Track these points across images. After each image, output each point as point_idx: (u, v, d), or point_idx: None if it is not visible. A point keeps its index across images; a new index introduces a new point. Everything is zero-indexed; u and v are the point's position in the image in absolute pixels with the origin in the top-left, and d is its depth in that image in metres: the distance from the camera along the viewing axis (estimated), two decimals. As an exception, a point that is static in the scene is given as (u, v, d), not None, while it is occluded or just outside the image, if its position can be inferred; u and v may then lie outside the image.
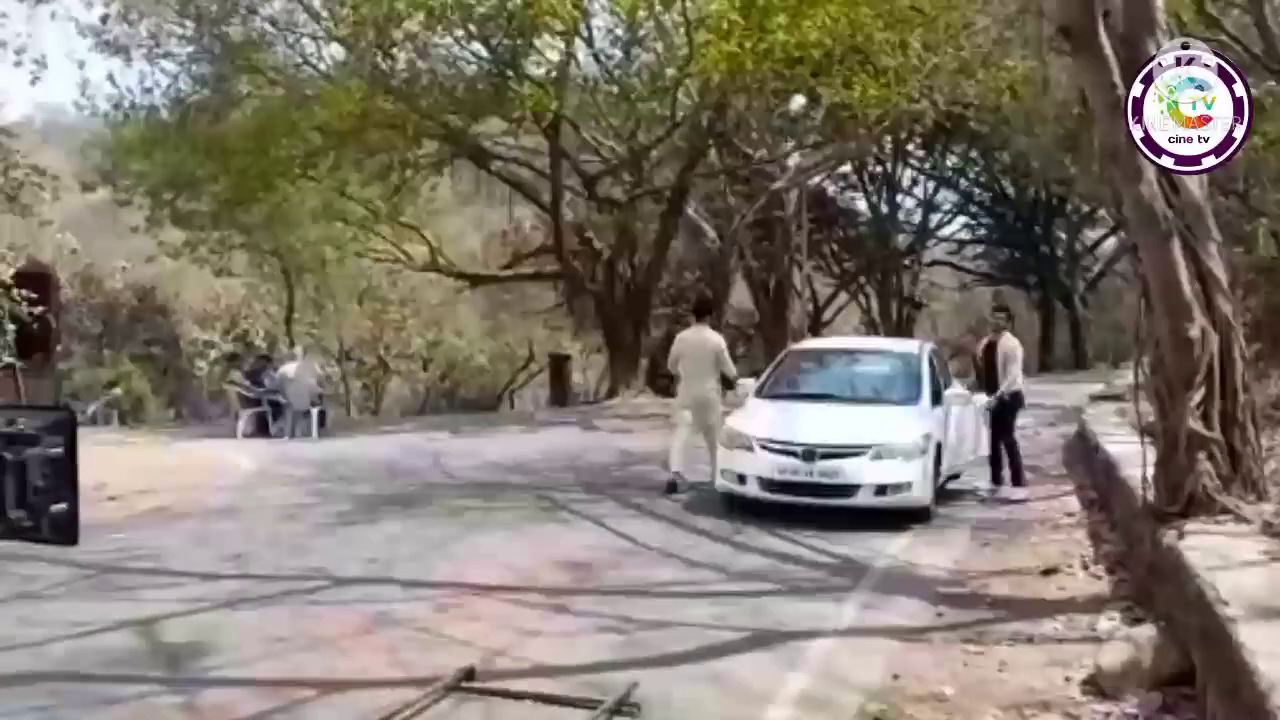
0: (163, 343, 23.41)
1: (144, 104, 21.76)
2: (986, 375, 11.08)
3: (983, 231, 39.54)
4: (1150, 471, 6.61)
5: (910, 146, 34.29)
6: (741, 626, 6.34)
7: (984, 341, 11.56)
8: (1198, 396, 6.31)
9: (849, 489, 9.36)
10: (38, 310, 15.36)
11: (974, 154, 35.55)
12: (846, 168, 32.46)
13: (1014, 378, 10.80)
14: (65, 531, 2.23)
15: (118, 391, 21.87)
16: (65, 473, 2.25)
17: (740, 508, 9.73)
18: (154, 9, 20.55)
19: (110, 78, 27.34)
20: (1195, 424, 6.29)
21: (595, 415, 19.31)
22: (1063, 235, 37.40)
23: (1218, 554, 5.25)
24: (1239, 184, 12.26)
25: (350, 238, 24.85)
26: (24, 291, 15.22)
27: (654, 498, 10.62)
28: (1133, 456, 7.06)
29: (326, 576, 7.28)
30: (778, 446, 9.56)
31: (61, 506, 2.23)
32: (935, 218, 38.22)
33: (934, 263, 39.22)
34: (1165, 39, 6.67)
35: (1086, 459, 11.39)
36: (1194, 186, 6.54)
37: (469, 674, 5.08)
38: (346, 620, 6.18)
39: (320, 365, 21.34)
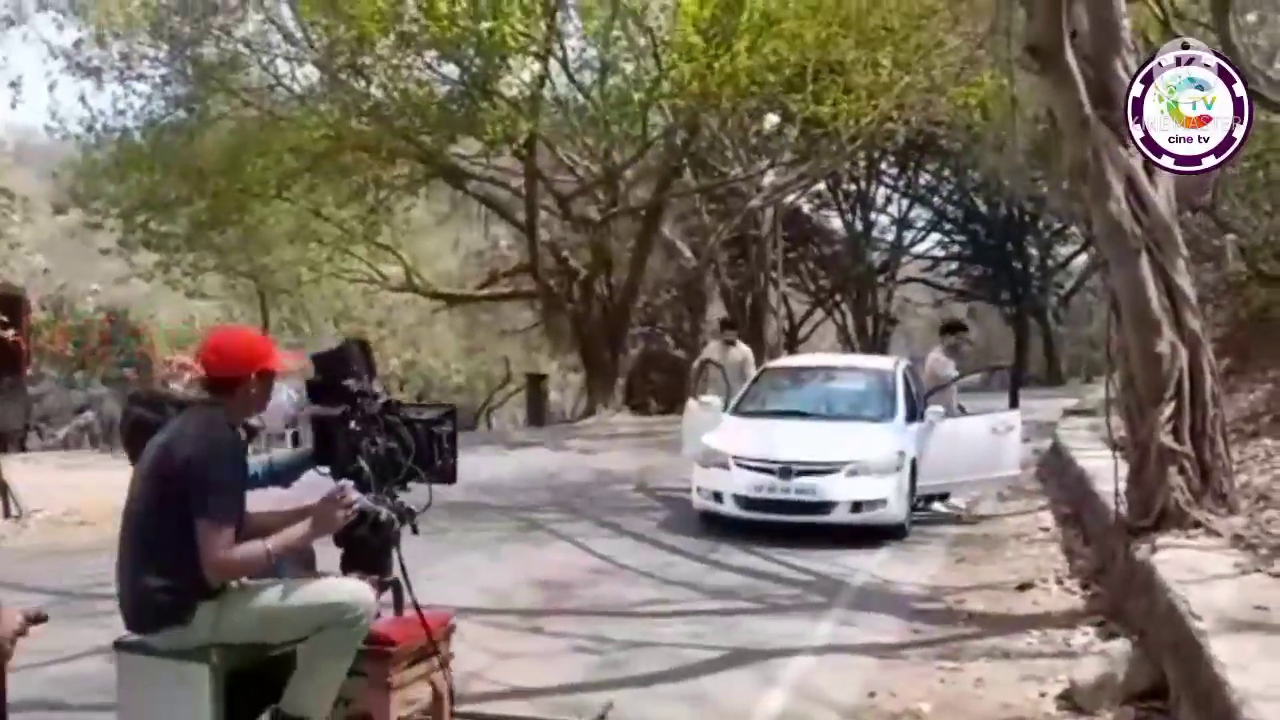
0: (136, 365, 23.16)
1: (116, 126, 21.63)
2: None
3: (956, 248, 39.82)
4: (1122, 486, 6.66)
5: (884, 165, 34.57)
6: (718, 645, 6.34)
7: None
8: (1168, 411, 6.36)
9: (825, 506, 9.38)
10: (9, 333, 15.21)
11: (946, 172, 35.86)
12: (821, 186, 32.65)
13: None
14: (452, 478, 3.90)
15: (90, 415, 21.63)
16: (453, 443, 3.91)
17: (717, 526, 9.73)
18: (127, 31, 20.46)
19: (82, 100, 27.18)
20: (1166, 438, 6.34)
21: (572, 435, 19.28)
22: (1034, 251, 37.71)
23: (1189, 567, 5.29)
24: (1208, 200, 12.40)
25: (325, 259, 24.76)
26: (-5, 315, 15.07)
27: (630, 517, 10.61)
28: (1105, 471, 7.11)
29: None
30: (754, 464, 9.58)
31: (452, 462, 3.89)
32: (909, 235, 38.53)
33: (908, 280, 39.48)
34: (1131, 58, 6.77)
35: (1060, 474, 11.44)
36: (1162, 203, 6.62)
37: (444, 697, 5.07)
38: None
39: (295, 388, 21.19)
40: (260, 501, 3.79)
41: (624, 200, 23.55)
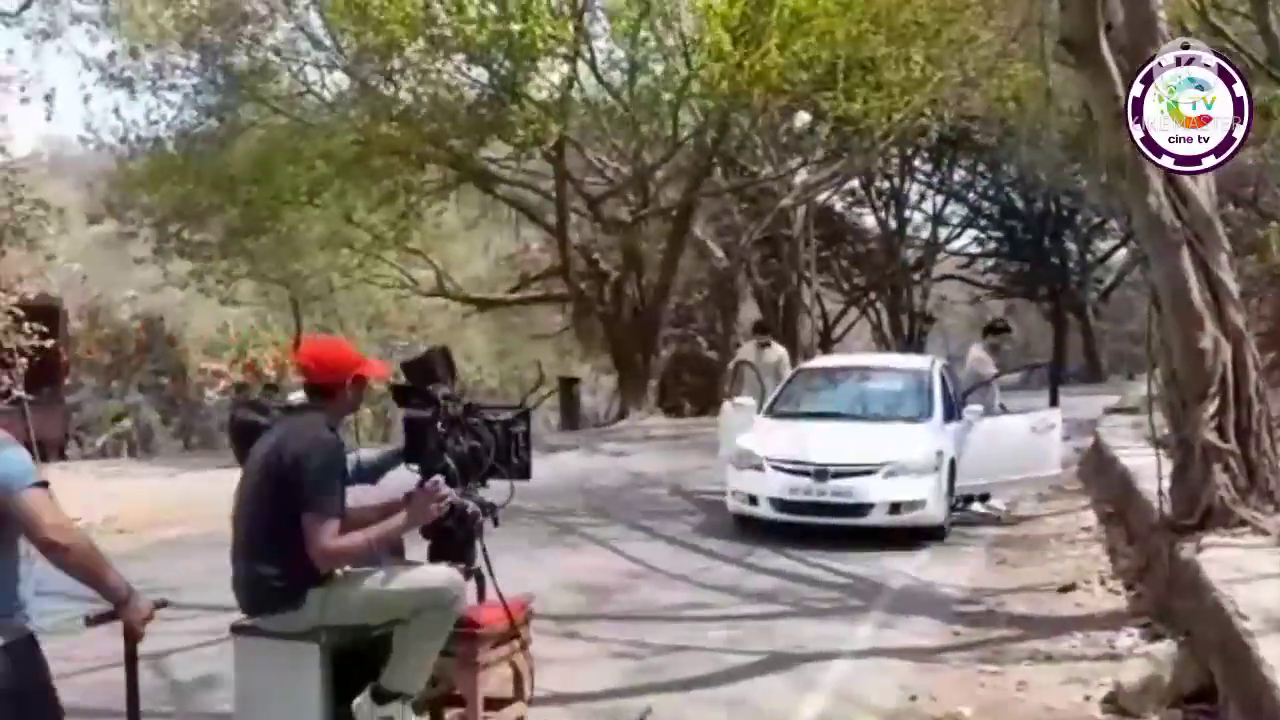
0: (171, 373, 23.42)
1: (149, 136, 21.84)
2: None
3: (992, 245, 39.52)
4: (1166, 484, 6.55)
5: (917, 161, 34.36)
6: (756, 649, 6.30)
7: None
8: (1211, 407, 6.26)
9: (862, 508, 9.30)
10: (47, 344, 15.41)
11: (981, 167, 35.59)
12: (853, 184, 32.48)
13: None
14: (527, 474, 4.19)
15: (127, 423, 21.86)
16: (528, 441, 4.21)
17: (752, 529, 9.67)
18: (159, 42, 20.66)
19: (115, 111, 27.50)
20: (1210, 435, 6.23)
21: (606, 437, 19.27)
22: (1073, 246, 37.35)
23: (1235, 567, 5.19)
24: (1250, 191, 12.21)
25: (357, 264, 24.91)
26: (34, 325, 15.28)
27: (664, 520, 10.57)
28: (1148, 469, 7.00)
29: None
30: (789, 466, 9.51)
31: (528, 459, 4.19)
32: (944, 232, 38.23)
33: (944, 277, 39.15)
34: (1168, 49, 6.65)
35: (1102, 472, 11.30)
36: (1202, 196, 6.50)
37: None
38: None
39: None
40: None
41: (654, 201, 23.53)
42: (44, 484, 3.03)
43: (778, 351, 13.04)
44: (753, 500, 9.68)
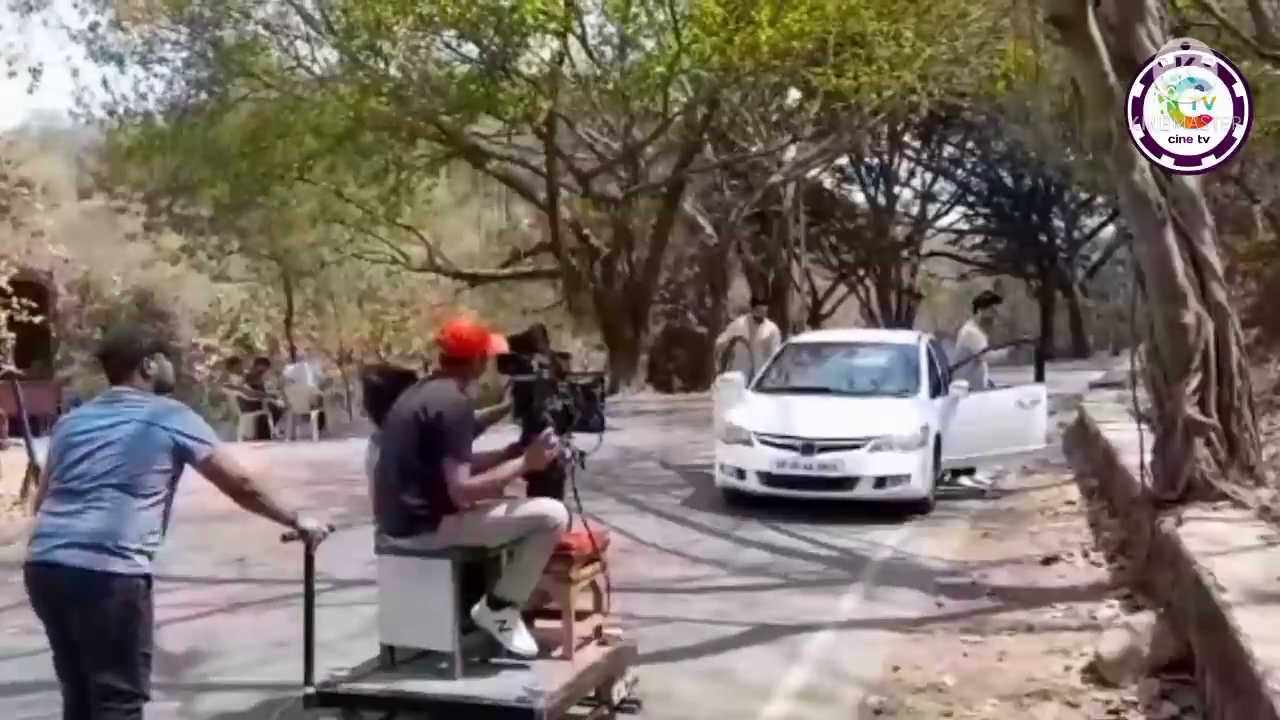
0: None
1: (139, 110, 21.73)
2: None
3: (980, 221, 39.57)
4: (1149, 458, 6.61)
5: (906, 138, 34.33)
6: (742, 621, 6.37)
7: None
8: (1194, 383, 6.32)
9: (848, 481, 9.36)
10: (36, 319, 15.37)
11: (970, 144, 35.59)
12: (843, 160, 32.43)
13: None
14: (603, 426, 5.03)
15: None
16: (603, 400, 5.09)
17: (740, 502, 9.74)
18: (146, 15, 20.50)
19: (105, 84, 27.31)
20: (1192, 410, 6.30)
21: (595, 412, 19.29)
22: (1061, 223, 37.42)
23: (1215, 540, 5.26)
24: (1235, 168, 12.23)
25: (348, 240, 24.86)
26: (23, 300, 15.23)
27: (653, 494, 10.62)
28: (1132, 444, 7.06)
29: (326, 579, 7.25)
30: (776, 440, 9.57)
31: (604, 414, 5.04)
32: (933, 208, 38.28)
33: (932, 254, 39.24)
34: (1157, 26, 6.67)
35: (1086, 447, 11.39)
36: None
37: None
38: (347, 623, 6.17)
39: (320, 368, 21.35)
40: None
41: (645, 177, 23.50)
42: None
43: (769, 327, 13.08)
44: (740, 474, 9.73)
